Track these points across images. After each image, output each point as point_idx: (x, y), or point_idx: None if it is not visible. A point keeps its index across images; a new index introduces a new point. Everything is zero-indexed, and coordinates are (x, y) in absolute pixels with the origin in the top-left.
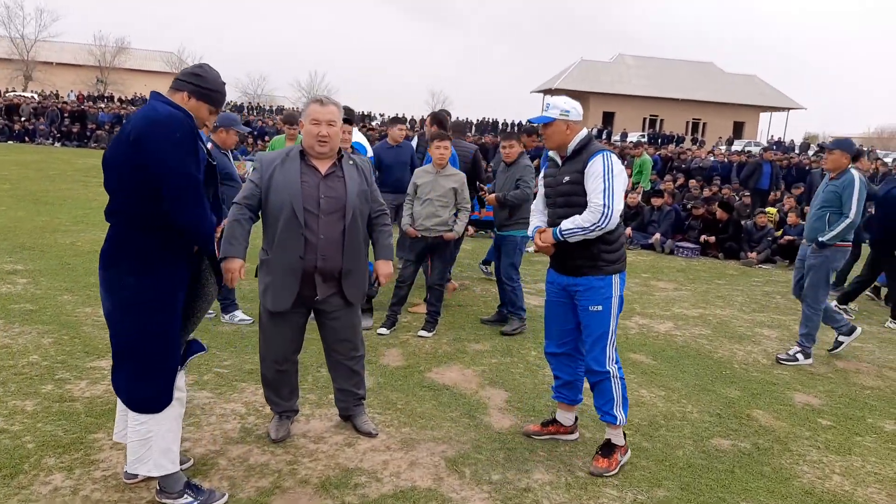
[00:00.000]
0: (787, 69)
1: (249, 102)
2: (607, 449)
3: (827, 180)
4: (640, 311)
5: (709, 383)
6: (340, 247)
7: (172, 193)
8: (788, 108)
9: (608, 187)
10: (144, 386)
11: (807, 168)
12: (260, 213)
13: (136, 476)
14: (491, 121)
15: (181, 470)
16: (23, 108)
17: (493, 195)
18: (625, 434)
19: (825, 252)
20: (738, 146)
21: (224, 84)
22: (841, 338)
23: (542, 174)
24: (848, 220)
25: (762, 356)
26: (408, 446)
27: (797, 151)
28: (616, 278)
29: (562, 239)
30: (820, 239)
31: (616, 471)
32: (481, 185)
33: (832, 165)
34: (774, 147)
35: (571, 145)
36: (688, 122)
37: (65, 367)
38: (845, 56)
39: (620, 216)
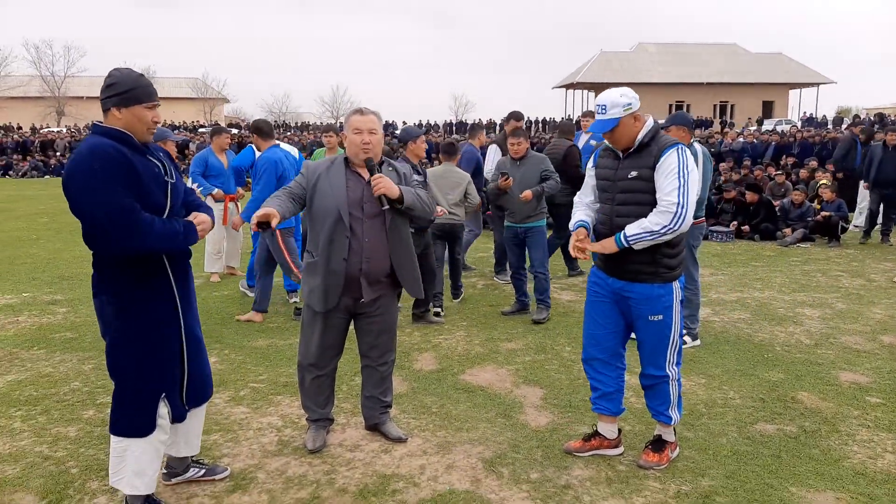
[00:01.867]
0: (814, 44)
1: (276, 120)
2: (658, 444)
3: None
4: None
5: (750, 368)
6: (386, 248)
7: (105, 225)
8: (818, 84)
9: (683, 184)
10: (123, 411)
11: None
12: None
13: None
14: None
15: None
16: (57, 144)
17: (529, 191)
18: (675, 430)
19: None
20: (768, 125)
21: (140, 76)
22: (687, 338)
23: (591, 163)
24: (700, 195)
25: (805, 337)
26: (444, 450)
27: (831, 126)
28: (676, 284)
29: (626, 246)
30: None
31: (666, 465)
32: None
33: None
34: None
35: (637, 138)
36: (715, 106)
37: (106, 391)
38: (874, 26)
39: None
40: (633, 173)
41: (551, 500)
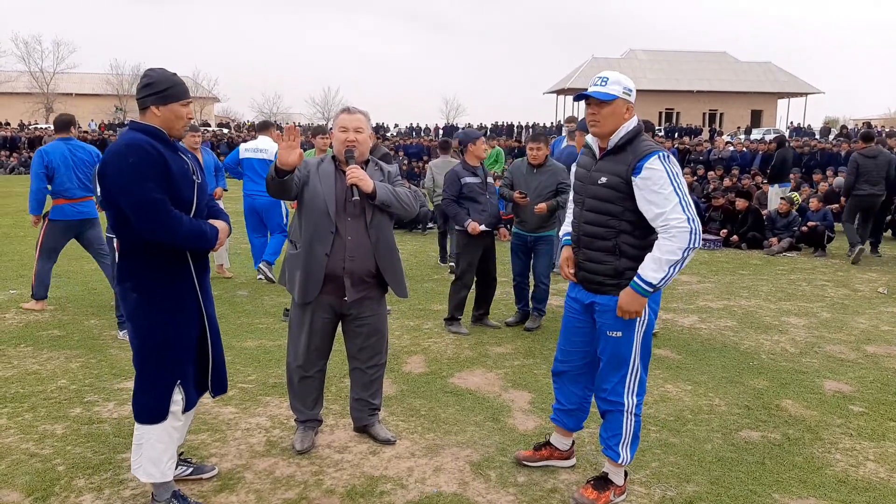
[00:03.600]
0: (803, 54)
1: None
2: (601, 482)
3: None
4: (663, 305)
5: (736, 375)
6: (369, 248)
7: (136, 217)
8: (806, 94)
9: (682, 196)
10: (141, 396)
11: (836, 152)
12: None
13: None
14: (505, 124)
15: (190, 475)
16: (45, 140)
17: (544, 205)
18: (626, 474)
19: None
20: (756, 134)
21: (174, 75)
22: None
23: (577, 161)
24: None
25: (790, 345)
26: (432, 452)
27: (818, 137)
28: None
29: (652, 291)
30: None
31: None
32: (522, 191)
33: (581, 147)
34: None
35: (616, 136)
36: (704, 114)
37: (93, 389)
38: (863, 37)
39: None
40: (603, 179)
41: None
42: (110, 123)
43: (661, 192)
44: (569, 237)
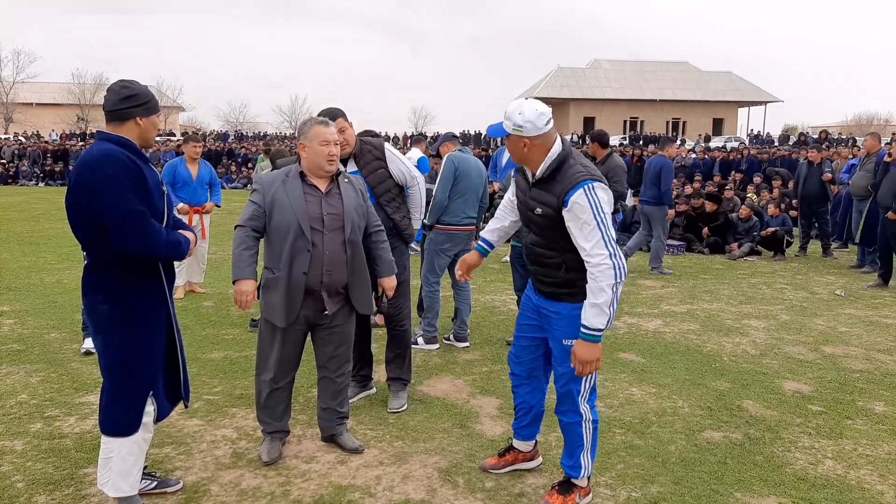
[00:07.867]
0: (762, 63)
1: (237, 131)
2: (566, 486)
3: None
4: (628, 310)
5: (698, 377)
6: (344, 261)
7: (115, 229)
8: (766, 102)
9: (605, 231)
10: (111, 409)
11: (794, 159)
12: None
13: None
14: (474, 133)
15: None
16: (4, 151)
17: None
18: (588, 476)
19: (430, 235)
20: (717, 142)
21: (147, 87)
22: (420, 339)
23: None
24: (434, 200)
25: (751, 347)
26: (400, 460)
27: (777, 144)
28: None
29: (599, 334)
30: (424, 222)
31: None
32: None
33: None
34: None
35: (543, 166)
36: (668, 122)
37: (53, 404)
38: (820, 46)
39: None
40: (538, 210)
41: None
42: (72, 133)
43: (585, 226)
44: (483, 245)
